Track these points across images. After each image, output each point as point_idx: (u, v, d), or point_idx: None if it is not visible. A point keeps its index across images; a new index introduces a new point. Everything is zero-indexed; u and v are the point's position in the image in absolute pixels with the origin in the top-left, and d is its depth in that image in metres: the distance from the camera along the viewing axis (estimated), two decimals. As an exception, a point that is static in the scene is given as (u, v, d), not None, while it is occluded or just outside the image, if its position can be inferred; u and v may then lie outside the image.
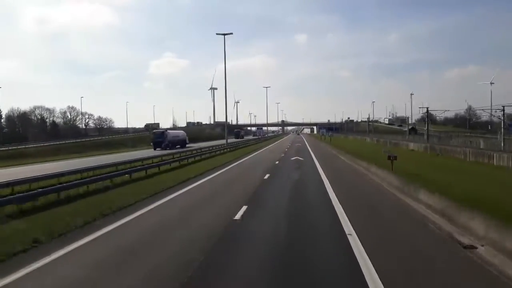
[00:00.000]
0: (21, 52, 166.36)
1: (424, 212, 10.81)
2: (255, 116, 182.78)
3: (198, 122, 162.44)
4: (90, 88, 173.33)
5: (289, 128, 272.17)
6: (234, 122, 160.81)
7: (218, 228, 9.64)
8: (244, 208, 11.86)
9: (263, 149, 53.66)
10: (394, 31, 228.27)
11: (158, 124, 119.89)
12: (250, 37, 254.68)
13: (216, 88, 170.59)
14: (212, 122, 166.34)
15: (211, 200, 14.24)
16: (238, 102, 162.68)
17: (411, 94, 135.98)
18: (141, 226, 10.17)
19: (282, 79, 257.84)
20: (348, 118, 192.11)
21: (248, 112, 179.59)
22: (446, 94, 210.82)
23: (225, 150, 48.28)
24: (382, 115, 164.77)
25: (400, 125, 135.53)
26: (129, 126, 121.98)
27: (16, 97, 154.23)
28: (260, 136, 76.95)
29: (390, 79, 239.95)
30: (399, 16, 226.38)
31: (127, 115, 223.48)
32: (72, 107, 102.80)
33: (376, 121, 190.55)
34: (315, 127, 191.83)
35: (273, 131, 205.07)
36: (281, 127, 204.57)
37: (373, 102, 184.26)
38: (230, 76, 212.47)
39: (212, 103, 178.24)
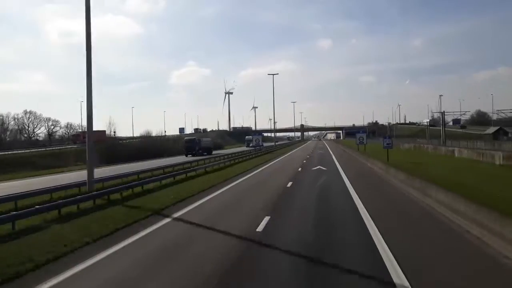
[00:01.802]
0: (47, 64, 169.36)
1: None
2: (275, 122, 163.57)
3: (204, 129, 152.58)
4: (114, 98, 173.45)
5: (311, 133, 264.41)
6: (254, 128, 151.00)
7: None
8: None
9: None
10: (419, 34, 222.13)
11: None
12: (273, 44, 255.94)
13: (231, 93, 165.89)
14: (217, 128, 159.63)
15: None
16: (256, 108, 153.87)
17: (440, 96, 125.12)
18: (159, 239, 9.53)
19: (305, 85, 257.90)
20: (376, 121, 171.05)
21: (271, 118, 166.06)
22: (474, 97, 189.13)
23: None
24: (409, 119, 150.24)
25: (463, 127, 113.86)
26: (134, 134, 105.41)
27: (42, 108, 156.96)
28: (259, 145, 55.68)
29: (415, 83, 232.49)
30: (423, 19, 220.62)
31: (132, 122, 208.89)
32: (30, 112, 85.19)
33: (414, 123, 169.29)
34: (341, 132, 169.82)
35: (289, 137, 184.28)
36: (300, 132, 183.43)
37: (399, 105, 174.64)
38: (251, 82, 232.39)
39: (227, 108, 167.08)
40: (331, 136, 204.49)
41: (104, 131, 64.75)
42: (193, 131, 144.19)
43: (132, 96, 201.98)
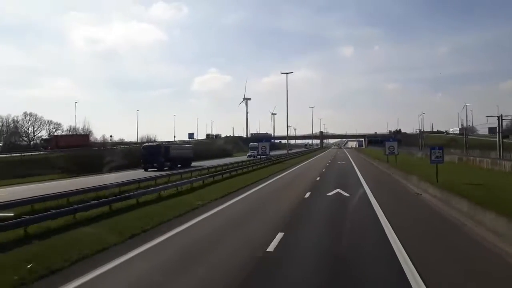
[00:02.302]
0: (73, 71, 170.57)
1: None
2: (295, 129, 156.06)
3: (217, 135, 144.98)
4: (138, 104, 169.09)
5: (331, 141, 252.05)
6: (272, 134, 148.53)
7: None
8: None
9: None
10: (444, 43, 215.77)
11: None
12: (294, 51, 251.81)
13: (249, 99, 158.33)
14: (232, 134, 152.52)
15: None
16: (275, 114, 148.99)
17: (466, 105, 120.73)
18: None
19: (325, 92, 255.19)
20: (399, 129, 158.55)
21: (290, 125, 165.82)
22: (501, 106, 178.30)
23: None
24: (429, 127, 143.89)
25: (506, 136, 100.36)
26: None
27: (68, 114, 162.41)
28: (265, 154, 45.84)
29: (439, 92, 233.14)
30: (449, 27, 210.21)
31: (137, 129, 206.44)
32: (30, 114, 78.05)
33: (441, 132, 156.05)
34: (363, 140, 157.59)
35: (306, 144, 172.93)
36: (319, 140, 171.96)
37: (423, 113, 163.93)
38: (272, 89, 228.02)
39: (246, 114, 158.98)
40: (352, 144, 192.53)
41: (87, 135, 55.85)
42: (204, 137, 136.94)
43: (155, 102, 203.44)
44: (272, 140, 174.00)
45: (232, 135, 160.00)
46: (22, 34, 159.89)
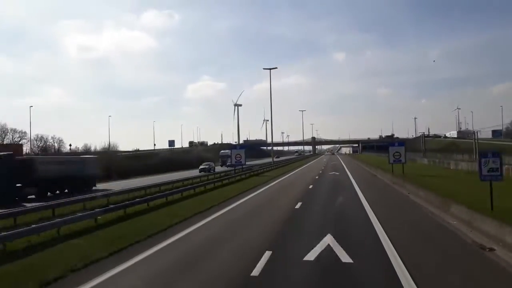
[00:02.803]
0: (65, 79, 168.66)
1: None
2: (288, 135, 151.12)
3: (202, 142, 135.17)
4: (130, 112, 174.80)
5: (324, 147, 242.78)
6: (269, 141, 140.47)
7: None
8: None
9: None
10: (435, 47, 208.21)
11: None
12: (286, 57, 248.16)
13: (240, 105, 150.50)
14: (221, 142, 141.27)
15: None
16: (267, 120, 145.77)
17: (458, 109, 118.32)
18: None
19: (318, 98, 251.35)
20: (392, 134, 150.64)
21: (283, 132, 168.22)
22: (493, 109, 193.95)
23: None
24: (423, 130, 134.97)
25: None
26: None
27: (61, 122, 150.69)
28: (240, 164, 35.48)
29: (431, 96, 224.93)
30: (440, 31, 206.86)
31: (109, 136, 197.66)
32: None
33: (438, 136, 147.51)
34: (357, 146, 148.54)
35: (297, 151, 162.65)
36: (311, 146, 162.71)
37: (415, 118, 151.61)
38: (264, 96, 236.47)
39: (236, 121, 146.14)
40: (346, 150, 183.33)
41: (21, 145, 45.88)
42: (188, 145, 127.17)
43: (148, 109, 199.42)
44: (265, 147, 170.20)
45: (221, 142, 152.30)
46: (15, 42, 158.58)
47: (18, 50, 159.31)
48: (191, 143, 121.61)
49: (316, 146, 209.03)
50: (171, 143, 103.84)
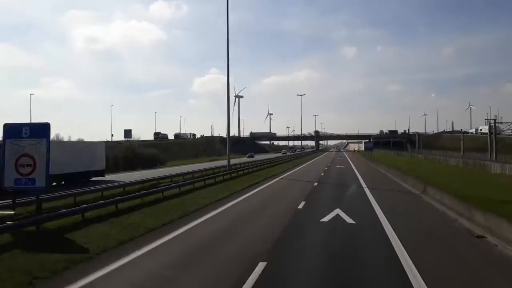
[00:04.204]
0: (73, 70, 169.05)
1: None
2: (293, 130, 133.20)
3: (192, 134, 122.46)
4: (138, 105, 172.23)
5: (330, 143, 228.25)
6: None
7: None
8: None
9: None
10: (449, 44, 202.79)
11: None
12: (296, 52, 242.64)
13: (241, 97, 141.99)
14: (211, 134, 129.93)
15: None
16: (272, 114, 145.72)
17: (471, 107, 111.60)
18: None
19: (327, 94, 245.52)
20: (406, 130, 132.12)
21: (289, 126, 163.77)
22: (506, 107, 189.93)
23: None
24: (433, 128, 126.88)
25: None
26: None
27: (70, 115, 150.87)
28: None
29: (443, 94, 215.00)
30: (454, 28, 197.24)
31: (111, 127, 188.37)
32: None
33: (458, 131, 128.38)
34: (368, 141, 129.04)
35: (293, 146, 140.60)
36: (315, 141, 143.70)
37: (425, 115, 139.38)
38: (272, 91, 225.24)
39: (238, 113, 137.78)
40: (354, 146, 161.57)
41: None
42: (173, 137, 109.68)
43: (155, 102, 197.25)
44: (266, 142, 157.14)
45: (211, 135, 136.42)
46: (24, 34, 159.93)
47: (27, 41, 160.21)
48: (156, 134, 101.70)
49: (321, 142, 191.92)
50: (128, 133, 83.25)
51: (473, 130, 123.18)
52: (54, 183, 21.28)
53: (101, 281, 6.36)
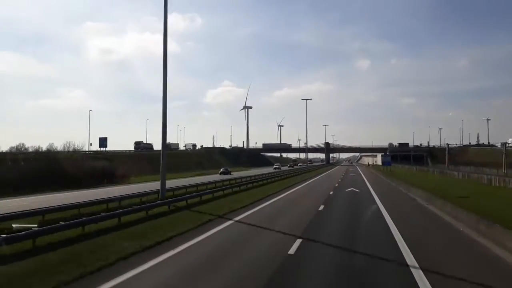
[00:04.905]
0: (88, 81, 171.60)
1: None
2: (305, 143, 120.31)
3: (193, 144, 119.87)
4: (150, 116, 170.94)
5: (343, 156, 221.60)
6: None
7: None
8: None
9: None
10: (463, 56, 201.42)
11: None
12: (309, 64, 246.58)
13: (250, 107, 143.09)
14: (212, 145, 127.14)
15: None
16: (282, 126, 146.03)
17: (488, 119, 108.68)
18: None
19: (339, 106, 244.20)
20: (420, 144, 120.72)
21: (300, 139, 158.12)
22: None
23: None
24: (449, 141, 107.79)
25: None
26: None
27: (83, 125, 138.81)
28: None
29: (458, 107, 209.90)
30: (468, 40, 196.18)
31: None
32: None
33: (481, 145, 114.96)
34: (385, 154, 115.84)
35: (295, 160, 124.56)
36: (325, 154, 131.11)
37: (440, 128, 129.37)
38: (284, 103, 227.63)
39: (246, 124, 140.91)
40: (368, 160, 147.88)
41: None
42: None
43: (168, 113, 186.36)
44: (277, 154, 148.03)
45: (213, 146, 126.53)
46: (39, 44, 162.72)
47: (42, 51, 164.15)
48: (137, 143, 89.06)
49: (333, 155, 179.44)
50: (103, 141, 71.73)
51: (498, 144, 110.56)
52: None
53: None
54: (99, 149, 67.19)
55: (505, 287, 6.81)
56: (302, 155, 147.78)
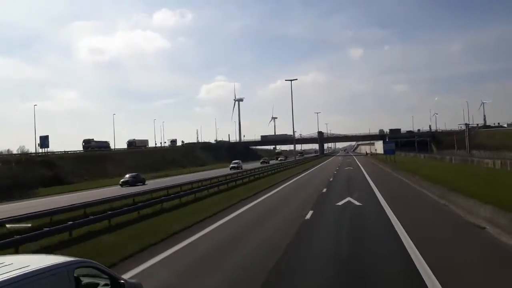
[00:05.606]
0: (78, 81, 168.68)
1: None
2: (300, 134, 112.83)
3: (171, 140, 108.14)
4: (143, 114, 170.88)
5: (339, 145, 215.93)
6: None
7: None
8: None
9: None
10: (455, 41, 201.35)
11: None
12: (302, 55, 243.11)
13: (241, 100, 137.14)
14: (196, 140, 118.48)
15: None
16: (276, 118, 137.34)
17: (483, 103, 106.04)
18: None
19: (334, 95, 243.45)
20: (418, 130, 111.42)
21: (296, 130, 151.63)
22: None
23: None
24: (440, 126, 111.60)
25: None
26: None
27: (75, 126, 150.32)
28: None
29: (450, 92, 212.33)
30: (460, 24, 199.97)
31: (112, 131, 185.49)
32: None
33: (488, 126, 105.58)
34: (389, 141, 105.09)
35: (278, 152, 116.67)
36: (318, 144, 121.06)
37: (436, 114, 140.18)
38: (279, 95, 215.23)
39: (238, 117, 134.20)
40: (366, 149, 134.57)
41: None
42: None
43: (162, 111, 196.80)
44: (256, 146, 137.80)
45: (197, 141, 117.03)
46: (28, 46, 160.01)
47: (32, 53, 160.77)
48: (87, 142, 75.89)
49: (329, 145, 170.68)
50: (44, 141, 59.74)
51: (504, 124, 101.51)
52: None
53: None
54: (40, 150, 56.32)
55: None
56: (305, 146, 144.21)
